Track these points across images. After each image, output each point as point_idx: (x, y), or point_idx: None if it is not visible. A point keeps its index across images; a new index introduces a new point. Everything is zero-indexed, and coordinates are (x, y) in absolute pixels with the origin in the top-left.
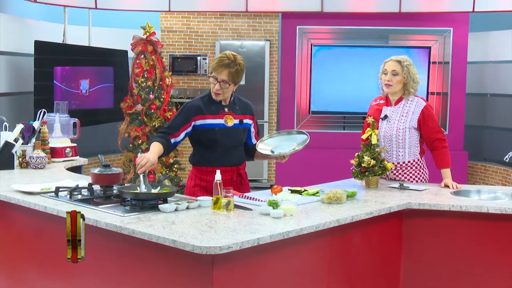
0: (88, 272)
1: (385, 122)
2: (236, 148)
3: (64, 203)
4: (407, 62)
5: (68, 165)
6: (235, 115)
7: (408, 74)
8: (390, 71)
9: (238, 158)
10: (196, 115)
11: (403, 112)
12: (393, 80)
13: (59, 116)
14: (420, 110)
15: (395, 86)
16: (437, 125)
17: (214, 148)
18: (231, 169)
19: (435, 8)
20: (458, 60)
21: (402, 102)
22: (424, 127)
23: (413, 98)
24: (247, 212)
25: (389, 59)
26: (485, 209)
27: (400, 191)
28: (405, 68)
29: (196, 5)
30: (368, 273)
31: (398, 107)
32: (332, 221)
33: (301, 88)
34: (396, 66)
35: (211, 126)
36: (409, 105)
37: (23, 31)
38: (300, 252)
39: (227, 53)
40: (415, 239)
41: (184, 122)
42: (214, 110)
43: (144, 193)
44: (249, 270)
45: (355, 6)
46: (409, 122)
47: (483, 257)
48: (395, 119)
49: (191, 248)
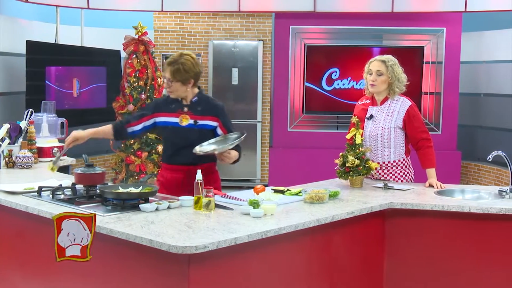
0: (69, 271)
1: (370, 121)
2: (186, 149)
3: (46, 203)
4: (392, 61)
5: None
6: (193, 115)
7: (393, 74)
8: (375, 71)
9: (189, 158)
10: (155, 112)
11: (389, 112)
12: (378, 80)
13: (47, 116)
14: (405, 110)
15: (380, 86)
16: (422, 124)
17: (168, 146)
18: (180, 168)
19: (427, 8)
20: (451, 60)
21: (388, 102)
22: (409, 127)
23: (399, 98)
24: (227, 211)
25: (373, 59)
26: (467, 208)
27: (384, 191)
28: (390, 68)
29: (188, 5)
30: (351, 273)
31: (384, 107)
32: (312, 221)
33: (295, 88)
34: (380, 66)
35: (165, 124)
36: (395, 105)
37: (15, 31)
38: (279, 252)
39: (177, 53)
40: (398, 239)
41: (144, 115)
42: (173, 108)
43: (125, 193)
44: (226, 270)
45: (347, 6)
46: (394, 122)
47: (466, 256)
48: (381, 118)
49: (167, 247)
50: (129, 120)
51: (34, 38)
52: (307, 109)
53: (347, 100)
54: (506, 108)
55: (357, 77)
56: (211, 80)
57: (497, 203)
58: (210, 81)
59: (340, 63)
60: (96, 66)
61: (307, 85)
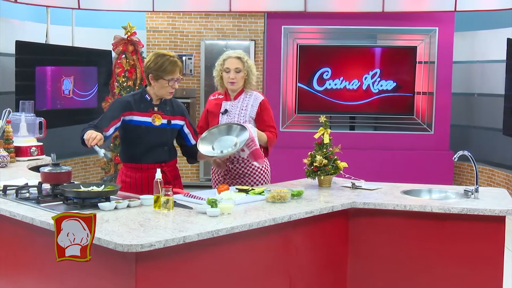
0: (28, 270)
1: (225, 116)
2: (160, 147)
3: (8, 201)
4: (246, 57)
5: (31, 164)
6: (164, 115)
7: (249, 69)
8: (233, 69)
9: (162, 157)
10: (125, 111)
11: (243, 106)
12: (237, 77)
13: (25, 115)
14: (258, 103)
15: (239, 83)
16: (272, 120)
17: (137, 145)
18: (154, 166)
19: (418, 8)
20: (443, 59)
21: (241, 96)
22: (259, 119)
23: (252, 92)
24: (186, 210)
25: (227, 56)
26: (429, 208)
27: (351, 191)
28: (246, 63)
29: (179, 5)
30: (313, 273)
31: (238, 101)
32: (268, 220)
33: (287, 87)
34: (238, 64)
35: (138, 123)
36: (248, 99)
37: (6, 31)
38: (232, 252)
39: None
40: (362, 238)
41: (114, 118)
42: (144, 107)
43: (85, 192)
44: (175, 269)
45: (338, 6)
46: (248, 116)
47: (428, 255)
48: (235, 113)
49: (113, 246)
50: (99, 126)
51: (26, 38)
52: (299, 109)
53: (340, 100)
54: (499, 108)
55: (349, 77)
56: (203, 80)
57: (460, 203)
58: (202, 81)
59: (333, 63)
60: (87, 66)
61: (300, 85)
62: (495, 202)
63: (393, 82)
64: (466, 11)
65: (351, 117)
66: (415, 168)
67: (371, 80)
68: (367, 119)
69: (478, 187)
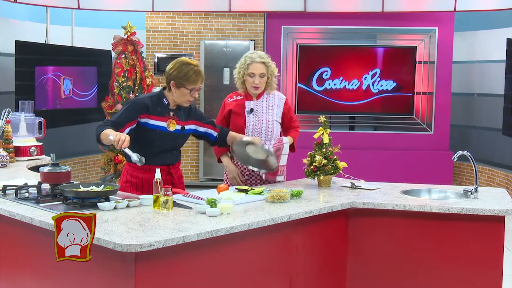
0: (28, 270)
1: (251, 115)
2: (170, 152)
3: (8, 201)
4: (269, 61)
5: (30, 164)
6: (179, 121)
7: (272, 72)
8: (258, 74)
9: (170, 160)
10: (142, 113)
11: (268, 105)
12: (261, 81)
13: (24, 115)
14: (283, 103)
15: (263, 87)
16: (295, 116)
17: (148, 148)
18: (161, 168)
19: (417, 8)
20: (443, 59)
21: (264, 95)
22: (286, 118)
23: (274, 92)
24: (185, 210)
25: (251, 61)
26: (428, 208)
27: (350, 191)
28: (269, 67)
29: (179, 5)
30: (313, 273)
31: (261, 100)
32: (267, 220)
33: (287, 87)
34: (263, 69)
35: (153, 127)
36: (272, 99)
37: (7, 31)
38: (232, 251)
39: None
40: (361, 238)
41: (130, 119)
42: (160, 112)
43: (84, 192)
44: (174, 268)
45: (338, 6)
46: (276, 115)
47: (428, 255)
48: (262, 112)
49: (113, 245)
50: (115, 126)
51: (25, 38)
52: (299, 109)
53: (339, 100)
54: (499, 108)
55: (349, 77)
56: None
57: (460, 203)
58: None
59: (332, 63)
60: (87, 66)
61: (299, 85)
62: (494, 202)
63: (393, 82)
64: (465, 11)
65: (350, 117)
66: (415, 168)
67: (370, 80)
68: (367, 119)
69: (477, 187)
